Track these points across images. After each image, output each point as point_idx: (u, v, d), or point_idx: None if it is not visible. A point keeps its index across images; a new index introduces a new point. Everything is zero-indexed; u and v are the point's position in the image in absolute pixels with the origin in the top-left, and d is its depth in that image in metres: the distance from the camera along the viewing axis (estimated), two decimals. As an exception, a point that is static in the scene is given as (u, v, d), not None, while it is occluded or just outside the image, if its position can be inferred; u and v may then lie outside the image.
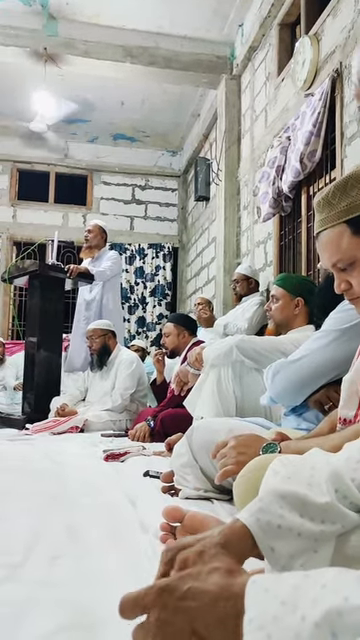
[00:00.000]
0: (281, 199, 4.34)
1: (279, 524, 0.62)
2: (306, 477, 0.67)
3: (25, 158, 8.05)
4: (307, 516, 0.63)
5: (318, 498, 0.64)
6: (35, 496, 1.60)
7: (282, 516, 0.62)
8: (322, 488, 0.65)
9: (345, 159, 3.57)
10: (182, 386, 2.56)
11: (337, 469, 0.68)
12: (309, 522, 0.62)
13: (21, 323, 6.66)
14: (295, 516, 0.62)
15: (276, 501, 0.63)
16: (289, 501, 0.63)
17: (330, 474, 0.67)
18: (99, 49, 5.70)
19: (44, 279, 4.44)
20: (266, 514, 0.62)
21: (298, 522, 0.62)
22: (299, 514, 0.63)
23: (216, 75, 5.93)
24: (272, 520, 0.62)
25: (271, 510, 0.63)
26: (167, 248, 8.27)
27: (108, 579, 0.90)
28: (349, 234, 1.05)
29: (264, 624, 0.44)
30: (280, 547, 0.61)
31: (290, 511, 0.63)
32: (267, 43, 5.13)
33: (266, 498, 0.64)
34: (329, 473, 0.67)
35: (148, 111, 7.31)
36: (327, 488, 0.65)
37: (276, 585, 0.47)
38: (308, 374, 1.69)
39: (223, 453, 1.21)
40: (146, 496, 1.56)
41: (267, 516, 0.62)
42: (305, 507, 0.63)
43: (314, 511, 0.63)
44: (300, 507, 0.63)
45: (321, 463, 0.70)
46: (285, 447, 1.14)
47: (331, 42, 3.80)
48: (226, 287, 5.47)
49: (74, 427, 3.74)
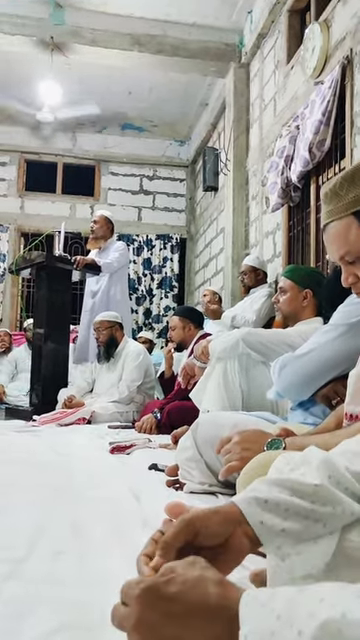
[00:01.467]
0: (290, 189, 4.30)
1: (266, 499, 0.62)
2: (301, 469, 0.68)
3: (32, 149, 8.03)
4: (296, 495, 0.63)
5: (308, 480, 0.64)
6: (39, 489, 1.59)
7: (270, 493, 0.63)
8: (314, 474, 0.66)
9: (355, 148, 3.52)
10: (189, 379, 2.54)
11: (330, 458, 0.68)
12: (299, 500, 0.62)
13: (29, 314, 6.68)
14: (284, 494, 0.63)
15: (266, 484, 0.64)
16: (279, 484, 0.64)
17: (322, 461, 0.67)
18: (106, 37, 5.65)
19: (51, 270, 4.43)
20: (254, 492, 0.63)
21: (286, 498, 0.62)
22: (289, 493, 0.63)
23: (224, 63, 5.86)
24: (259, 495, 0.62)
25: (260, 489, 0.64)
26: (175, 239, 8.23)
27: (111, 576, 0.89)
28: (357, 226, 1.02)
29: None
30: (269, 520, 0.61)
31: (280, 491, 0.63)
32: (276, 30, 5.05)
33: (257, 485, 0.65)
34: (320, 460, 0.67)
35: (156, 100, 7.25)
36: (319, 474, 0.65)
37: (271, 599, 0.45)
38: (316, 368, 1.67)
39: (227, 449, 1.19)
40: (151, 490, 1.55)
41: (254, 493, 0.63)
42: (294, 486, 0.63)
43: (304, 491, 0.63)
44: (290, 488, 0.63)
45: (316, 456, 0.70)
46: (290, 443, 1.12)
47: (341, 28, 3.73)
48: (234, 278, 5.44)
49: (81, 419, 3.75)
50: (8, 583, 0.89)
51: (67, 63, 5.99)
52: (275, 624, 0.43)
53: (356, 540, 0.64)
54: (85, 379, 4.44)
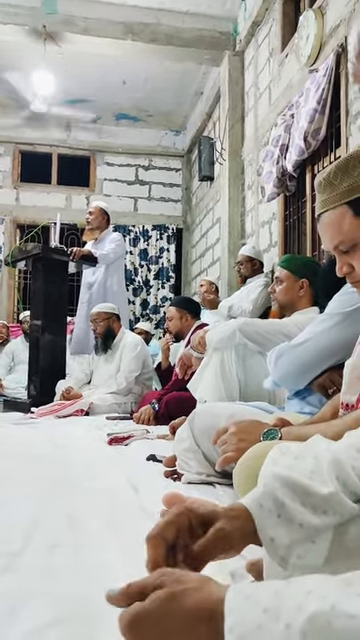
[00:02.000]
0: (285, 178, 4.28)
1: (279, 513, 0.61)
2: (309, 466, 0.67)
3: (27, 139, 7.97)
4: (309, 506, 0.62)
5: (321, 488, 0.63)
6: (37, 481, 1.60)
7: (284, 505, 0.62)
8: (324, 478, 0.65)
9: (350, 137, 3.50)
10: (186, 370, 2.55)
11: (338, 457, 0.68)
12: (311, 513, 0.62)
13: (25, 306, 6.66)
14: (297, 505, 0.62)
15: (279, 488, 0.63)
16: (292, 489, 0.63)
17: (331, 462, 0.66)
18: (99, 26, 5.59)
19: (47, 262, 4.42)
20: (268, 501, 0.62)
21: (300, 511, 0.61)
22: (301, 503, 0.62)
23: (219, 52, 5.81)
24: (273, 509, 0.61)
25: (274, 497, 0.62)
26: (171, 229, 8.20)
27: (108, 569, 0.90)
28: (351, 216, 1.02)
29: (246, 633, 0.42)
30: (280, 537, 0.60)
31: (292, 499, 0.62)
32: (270, 18, 5.01)
33: (269, 484, 0.64)
34: (330, 461, 0.67)
35: (150, 90, 7.20)
36: (329, 477, 0.65)
37: (256, 592, 0.45)
38: (312, 357, 1.68)
39: (223, 440, 1.20)
40: (148, 481, 1.56)
41: (269, 504, 0.62)
42: (308, 497, 0.62)
43: (317, 502, 0.62)
44: (303, 496, 0.62)
45: (323, 452, 0.70)
46: (286, 433, 1.12)
47: (336, 16, 3.70)
48: (231, 268, 5.43)
49: (79, 410, 3.76)
50: (3, 576, 0.89)
51: (60, 52, 5.93)
52: (262, 617, 0.42)
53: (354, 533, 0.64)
54: (83, 370, 4.44)
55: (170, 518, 0.59)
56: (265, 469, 0.80)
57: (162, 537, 0.57)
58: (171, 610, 0.48)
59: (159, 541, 0.57)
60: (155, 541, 0.57)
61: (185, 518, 0.59)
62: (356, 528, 0.64)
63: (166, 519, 0.59)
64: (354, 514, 0.64)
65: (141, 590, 0.51)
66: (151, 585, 0.50)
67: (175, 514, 0.59)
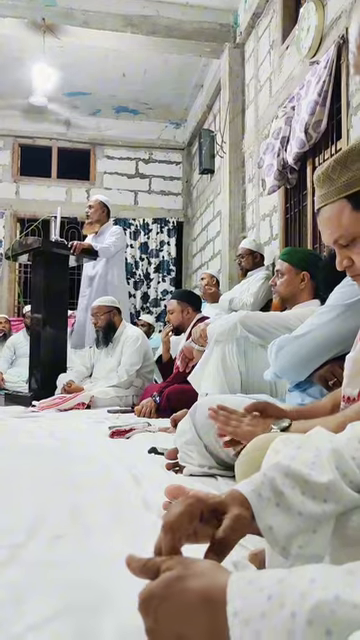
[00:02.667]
0: (286, 171, 4.27)
1: (278, 502, 0.62)
2: (310, 457, 0.67)
3: (26, 133, 7.94)
4: (309, 494, 0.63)
5: (320, 477, 0.64)
6: (39, 474, 1.61)
7: (283, 493, 0.62)
8: (325, 467, 0.65)
9: (351, 129, 3.49)
10: (187, 363, 2.56)
11: (338, 447, 0.69)
12: (310, 501, 0.62)
13: (26, 300, 6.67)
14: (297, 494, 0.62)
15: (279, 477, 0.64)
16: (292, 478, 0.63)
17: (331, 452, 0.67)
18: (99, 19, 5.56)
19: (48, 256, 4.42)
20: (267, 490, 0.63)
21: (299, 500, 0.62)
22: (301, 491, 0.63)
23: (219, 44, 5.78)
24: (272, 498, 0.62)
25: (273, 486, 0.63)
26: (172, 223, 8.19)
27: (111, 560, 0.91)
28: (350, 210, 1.02)
29: (250, 619, 0.43)
30: (278, 525, 0.61)
31: (292, 488, 0.63)
32: (271, 9, 4.98)
33: (269, 473, 0.65)
34: (330, 451, 0.67)
35: (150, 82, 7.17)
36: (330, 467, 0.66)
37: (259, 579, 0.46)
38: (312, 349, 1.69)
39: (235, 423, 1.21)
40: (150, 474, 1.57)
41: (268, 493, 0.62)
42: (308, 485, 0.63)
43: (316, 490, 0.63)
44: (302, 485, 0.63)
45: (324, 442, 0.70)
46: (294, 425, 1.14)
47: (337, 7, 3.68)
48: (232, 261, 5.43)
49: (81, 404, 3.77)
50: (8, 567, 0.90)
51: (59, 45, 5.90)
52: (266, 604, 0.43)
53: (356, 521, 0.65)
54: (84, 364, 4.45)
55: (183, 509, 0.59)
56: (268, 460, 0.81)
57: (178, 526, 0.58)
58: (177, 591, 0.49)
59: (176, 530, 0.58)
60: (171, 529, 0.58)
61: (197, 508, 0.60)
62: (358, 517, 0.65)
63: (180, 509, 0.59)
64: (355, 503, 0.65)
65: (156, 569, 0.53)
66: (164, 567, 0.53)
67: (187, 504, 0.60)
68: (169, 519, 0.59)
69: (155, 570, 0.53)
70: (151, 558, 0.55)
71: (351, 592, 0.42)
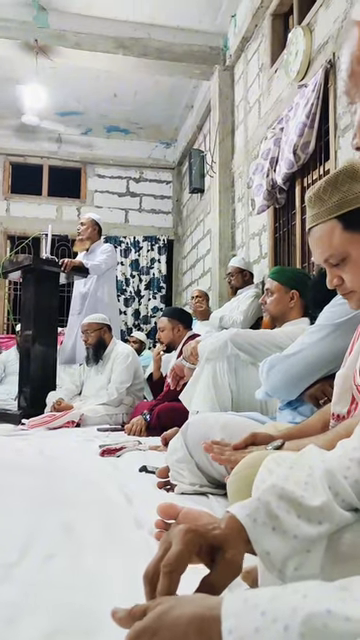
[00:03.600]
0: (275, 191, 4.33)
1: (274, 526, 0.62)
2: (303, 477, 0.68)
3: (18, 151, 8.00)
4: (304, 517, 0.63)
5: (314, 500, 0.64)
6: (31, 493, 1.60)
7: (278, 517, 0.62)
8: (317, 488, 0.66)
9: (339, 150, 3.56)
10: (178, 380, 2.56)
11: (330, 467, 0.69)
12: (306, 524, 0.63)
13: (16, 317, 6.65)
14: (292, 517, 0.63)
15: (274, 501, 0.64)
16: (286, 501, 0.64)
17: (324, 471, 0.68)
18: (91, 41, 5.65)
19: (38, 273, 4.42)
20: (263, 515, 0.63)
21: (294, 523, 0.62)
22: (296, 515, 0.63)
23: (209, 66, 5.89)
24: (268, 522, 0.62)
25: (268, 511, 0.63)
26: (162, 240, 8.25)
27: (103, 579, 0.90)
28: (340, 230, 1.05)
29: (245, 636, 0.43)
30: (275, 550, 0.61)
31: (287, 511, 0.63)
32: (260, 34, 5.09)
33: (263, 497, 0.65)
34: (323, 470, 0.68)
35: (141, 103, 7.26)
36: (322, 487, 0.66)
37: (253, 596, 0.46)
38: (303, 368, 1.70)
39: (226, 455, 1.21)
40: (141, 492, 1.56)
41: (263, 517, 0.62)
42: (302, 508, 0.63)
43: (311, 512, 0.63)
44: (297, 507, 0.63)
45: (316, 462, 0.71)
46: (286, 446, 1.14)
47: (324, 33, 3.78)
48: (222, 279, 5.47)
49: (70, 422, 3.74)
50: (1, 587, 0.89)
51: (52, 66, 5.98)
52: (259, 620, 0.43)
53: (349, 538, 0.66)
54: (73, 382, 4.43)
55: (182, 547, 0.58)
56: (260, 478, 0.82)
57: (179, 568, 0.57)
58: (168, 620, 0.48)
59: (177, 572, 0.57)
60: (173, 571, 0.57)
61: (196, 545, 0.59)
62: (350, 535, 0.65)
63: (179, 548, 0.58)
64: (347, 522, 0.66)
65: (143, 612, 0.52)
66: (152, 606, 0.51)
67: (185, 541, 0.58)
68: (169, 559, 0.57)
69: (142, 613, 0.52)
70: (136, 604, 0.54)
71: (343, 606, 0.42)
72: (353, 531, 0.67)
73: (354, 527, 0.67)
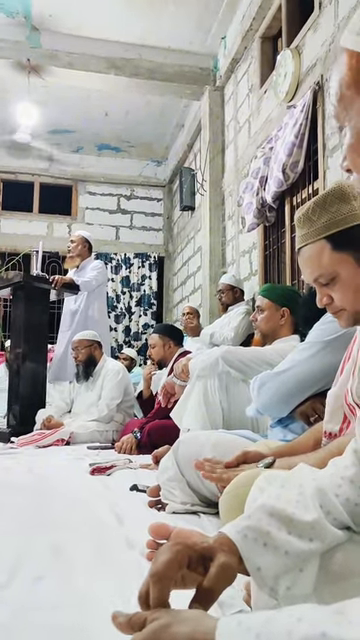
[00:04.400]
0: (265, 209, 4.38)
1: (265, 542, 0.62)
2: (294, 495, 0.68)
3: (9, 168, 8.03)
4: (295, 533, 0.63)
5: (305, 516, 0.64)
6: (20, 512, 1.58)
7: (269, 533, 0.62)
8: (309, 505, 0.66)
9: (327, 170, 3.61)
10: (169, 398, 2.55)
11: (322, 485, 0.69)
12: (297, 540, 0.63)
13: (5, 334, 6.61)
14: (282, 533, 0.63)
15: (264, 518, 0.64)
16: (277, 518, 0.64)
17: (315, 489, 0.68)
18: (83, 61, 5.72)
19: (29, 290, 4.41)
20: (253, 531, 0.63)
21: (285, 540, 0.62)
22: (287, 531, 0.63)
23: (199, 86, 5.97)
24: (259, 538, 0.62)
25: (259, 527, 0.63)
26: (153, 257, 8.28)
27: (94, 600, 0.89)
28: (329, 250, 1.06)
29: None
30: (266, 566, 0.61)
31: (278, 529, 0.63)
32: (249, 55, 5.19)
33: (254, 515, 0.65)
34: (314, 489, 0.68)
35: (132, 122, 7.34)
36: (313, 504, 0.66)
37: (248, 619, 0.46)
38: (294, 386, 1.70)
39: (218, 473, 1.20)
40: (132, 511, 1.55)
41: (254, 534, 0.62)
42: (293, 524, 0.63)
43: (302, 528, 0.63)
44: (288, 524, 0.63)
45: (307, 480, 0.71)
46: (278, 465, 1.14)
47: (312, 55, 3.85)
48: (212, 296, 5.49)
49: (60, 440, 3.71)
50: (-9, 609, 0.88)
51: (44, 85, 6.03)
52: None
53: (341, 558, 0.66)
54: (63, 399, 4.40)
55: (170, 556, 0.58)
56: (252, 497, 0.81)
57: (167, 575, 0.57)
58: (164, 639, 0.48)
59: (165, 579, 0.57)
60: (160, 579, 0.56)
61: (184, 555, 0.59)
62: (342, 554, 0.65)
63: (167, 557, 0.58)
64: (338, 541, 0.66)
65: (142, 622, 0.52)
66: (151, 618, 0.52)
67: (174, 551, 0.58)
68: (157, 568, 0.57)
69: (141, 624, 0.52)
70: (137, 612, 0.54)
71: (338, 629, 0.42)
72: (345, 550, 0.67)
73: (346, 546, 0.67)
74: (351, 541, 0.67)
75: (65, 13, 5.39)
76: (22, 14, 5.41)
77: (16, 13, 5.40)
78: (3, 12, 5.38)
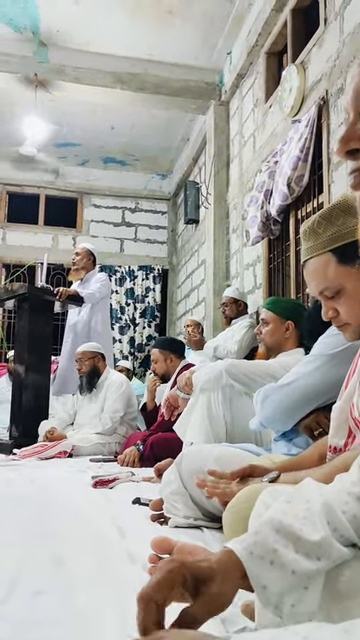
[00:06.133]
0: (269, 223, 4.39)
1: (272, 560, 0.61)
2: (301, 511, 0.66)
3: (15, 181, 8.09)
4: (302, 552, 0.62)
5: (313, 535, 0.63)
6: (21, 525, 1.57)
7: (276, 551, 0.61)
8: (316, 523, 0.65)
9: (332, 184, 3.62)
10: (172, 411, 2.54)
11: (328, 501, 0.68)
12: (304, 559, 0.61)
13: (9, 345, 6.62)
14: (290, 552, 0.61)
15: (271, 535, 0.63)
16: (284, 535, 0.63)
17: (322, 506, 0.67)
18: (89, 75, 5.78)
19: (33, 302, 4.42)
20: (260, 549, 0.61)
21: (292, 559, 0.61)
22: (294, 550, 0.62)
23: (205, 101, 6.03)
24: (265, 556, 0.61)
25: (265, 545, 0.62)
26: (157, 270, 8.30)
27: (95, 615, 0.88)
28: (335, 263, 1.06)
29: None
30: (272, 585, 0.60)
31: (285, 546, 0.62)
32: (255, 71, 5.23)
33: (261, 531, 0.64)
34: (321, 505, 0.67)
35: (138, 135, 7.40)
36: (321, 521, 0.65)
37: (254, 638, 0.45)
38: (298, 398, 1.69)
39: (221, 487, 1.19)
40: (135, 525, 1.53)
41: (261, 551, 0.61)
42: (300, 542, 0.62)
43: (309, 547, 0.62)
44: (295, 542, 0.62)
45: (314, 496, 0.70)
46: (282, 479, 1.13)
47: (317, 70, 3.88)
48: (216, 309, 5.49)
49: (62, 452, 3.69)
50: (-10, 624, 0.86)
51: (51, 99, 6.10)
52: None
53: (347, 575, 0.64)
54: (66, 411, 4.39)
55: (163, 576, 0.56)
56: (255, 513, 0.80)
57: (153, 599, 0.55)
58: None
59: (150, 604, 0.55)
60: (145, 604, 0.55)
61: (180, 576, 0.57)
62: (349, 571, 0.64)
63: (158, 577, 0.56)
64: (345, 559, 0.65)
65: None
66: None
67: (168, 571, 0.56)
68: (145, 590, 0.55)
69: None
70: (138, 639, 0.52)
71: None
72: (351, 569, 0.66)
73: (352, 564, 0.66)
74: (357, 559, 0.66)
75: (72, 28, 5.47)
76: (30, 29, 5.48)
77: (24, 28, 5.47)
78: (11, 27, 5.46)
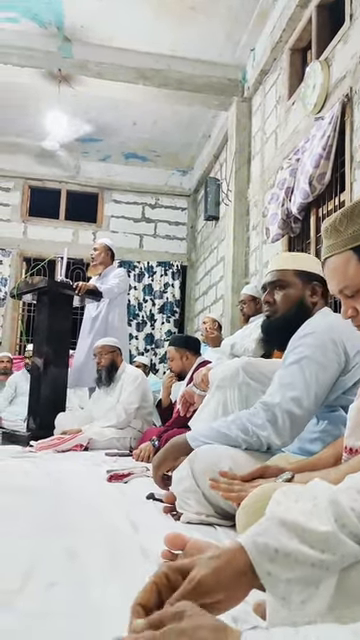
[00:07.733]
0: (290, 220, 4.35)
1: (276, 548, 0.61)
2: (308, 507, 0.67)
3: (37, 175, 8.15)
4: (307, 543, 0.62)
5: (319, 527, 0.63)
6: (35, 517, 1.58)
7: (280, 540, 0.62)
8: (322, 517, 0.65)
9: (354, 182, 3.58)
10: (188, 407, 2.54)
11: (337, 498, 0.68)
12: (309, 549, 0.62)
13: (29, 338, 6.68)
14: (294, 542, 0.62)
15: (275, 526, 0.63)
16: (289, 527, 0.63)
17: (329, 503, 0.66)
18: (112, 71, 5.80)
19: (53, 295, 4.45)
20: (264, 537, 0.62)
21: (296, 548, 0.61)
22: (299, 540, 0.62)
23: (227, 97, 6.00)
24: (270, 543, 0.61)
25: (269, 534, 0.62)
26: (176, 266, 8.30)
27: (107, 609, 0.88)
28: (356, 261, 1.05)
29: None
30: (277, 571, 0.60)
31: (289, 538, 0.62)
32: (278, 67, 5.19)
33: (265, 523, 0.64)
34: (328, 502, 0.67)
35: (159, 131, 7.40)
36: (327, 517, 0.65)
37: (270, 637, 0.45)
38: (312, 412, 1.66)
39: None
40: (148, 520, 1.54)
41: (264, 539, 0.62)
42: (305, 534, 0.62)
43: (314, 539, 0.62)
44: (300, 534, 0.62)
45: (322, 493, 0.69)
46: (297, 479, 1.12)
47: (341, 67, 3.84)
48: (234, 306, 5.47)
49: (78, 445, 3.72)
50: (3, 615, 0.87)
51: (74, 94, 6.13)
52: None
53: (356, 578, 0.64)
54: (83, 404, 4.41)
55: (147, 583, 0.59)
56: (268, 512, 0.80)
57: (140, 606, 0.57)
58: None
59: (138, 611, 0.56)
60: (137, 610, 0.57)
61: (163, 576, 0.59)
62: (357, 573, 0.63)
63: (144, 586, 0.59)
64: (355, 555, 0.64)
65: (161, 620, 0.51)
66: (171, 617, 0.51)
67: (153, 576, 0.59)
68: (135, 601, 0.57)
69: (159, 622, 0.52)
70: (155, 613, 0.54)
71: None
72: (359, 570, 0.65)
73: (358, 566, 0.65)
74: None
75: (96, 24, 5.48)
76: (55, 25, 5.51)
77: (49, 24, 5.50)
78: (36, 23, 5.49)
